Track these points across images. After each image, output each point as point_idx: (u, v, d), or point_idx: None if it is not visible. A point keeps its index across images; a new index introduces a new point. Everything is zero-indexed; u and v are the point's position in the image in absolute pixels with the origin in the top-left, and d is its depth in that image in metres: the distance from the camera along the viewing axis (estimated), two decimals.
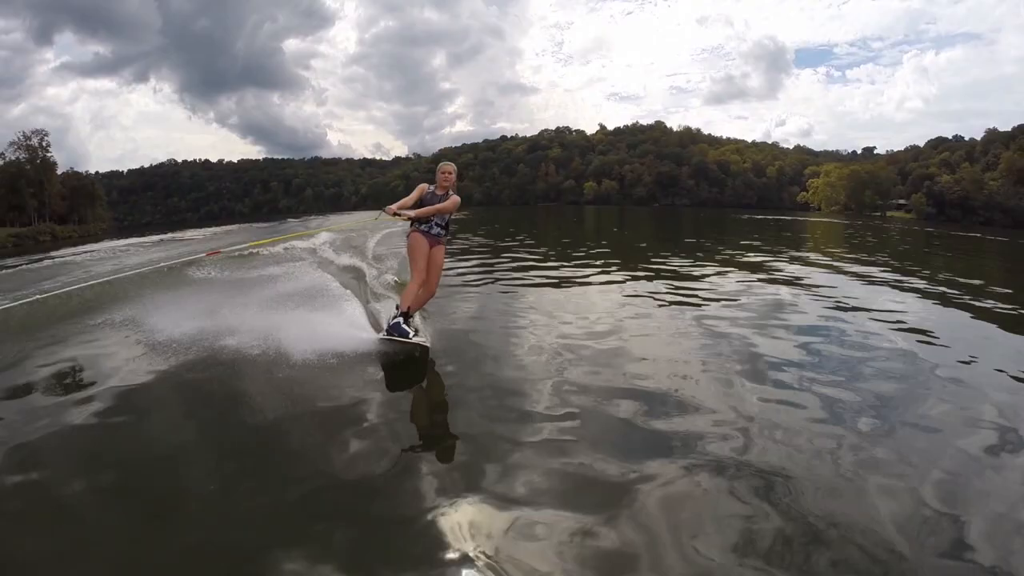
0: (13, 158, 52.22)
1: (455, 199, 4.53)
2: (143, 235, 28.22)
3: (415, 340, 4.16)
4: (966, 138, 79.69)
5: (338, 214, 65.98)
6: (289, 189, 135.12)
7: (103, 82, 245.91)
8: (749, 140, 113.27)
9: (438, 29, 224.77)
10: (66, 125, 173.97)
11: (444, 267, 4.84)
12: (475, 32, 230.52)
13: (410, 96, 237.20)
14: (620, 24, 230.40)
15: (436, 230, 4.56)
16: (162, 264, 9.42)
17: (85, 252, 16.77)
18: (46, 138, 55.16)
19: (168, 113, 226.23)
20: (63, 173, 58.96)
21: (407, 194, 4.56)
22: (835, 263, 11.98)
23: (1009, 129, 70.83)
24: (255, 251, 9.52)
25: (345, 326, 4.58)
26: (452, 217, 4.71)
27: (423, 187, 4.61)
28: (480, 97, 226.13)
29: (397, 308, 4.41)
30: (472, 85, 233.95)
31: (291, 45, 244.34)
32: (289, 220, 47.45)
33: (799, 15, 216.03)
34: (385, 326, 4.30)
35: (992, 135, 74.13)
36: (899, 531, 2.25)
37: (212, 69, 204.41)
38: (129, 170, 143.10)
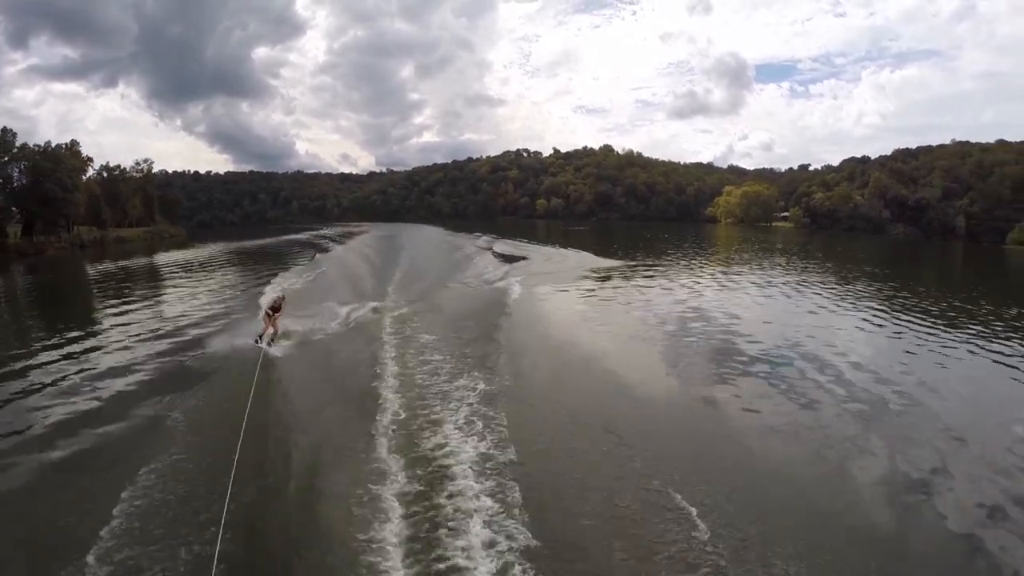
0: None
1: (279, 307, 14.05)
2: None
3: (261, 345, 12.26)
4: None
5: (326, 226, 77.02)
6: (276, 201, 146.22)
7: (70, 86, 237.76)
8: (704, 156, 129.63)
9: (407, 40, 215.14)
10: (31, 128, 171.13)
11: None
12: (444, 43, 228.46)
13: (378, 106, 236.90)
14: (587, 37, 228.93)
15: (273, 314, 13.58)
16: None
17: None
18: (153, 164, 78.53)
19: (135, 119, 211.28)
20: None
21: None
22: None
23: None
24: None
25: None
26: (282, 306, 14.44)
27: (277, 300, 14.87)
28: (448, 108, 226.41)
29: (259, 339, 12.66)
30: (440, 96, 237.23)
31: (260, 53, 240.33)
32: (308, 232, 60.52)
33: (763, 30, 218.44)
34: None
35: (885, 158, 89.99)
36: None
37: (181, 75, 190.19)
38: None
